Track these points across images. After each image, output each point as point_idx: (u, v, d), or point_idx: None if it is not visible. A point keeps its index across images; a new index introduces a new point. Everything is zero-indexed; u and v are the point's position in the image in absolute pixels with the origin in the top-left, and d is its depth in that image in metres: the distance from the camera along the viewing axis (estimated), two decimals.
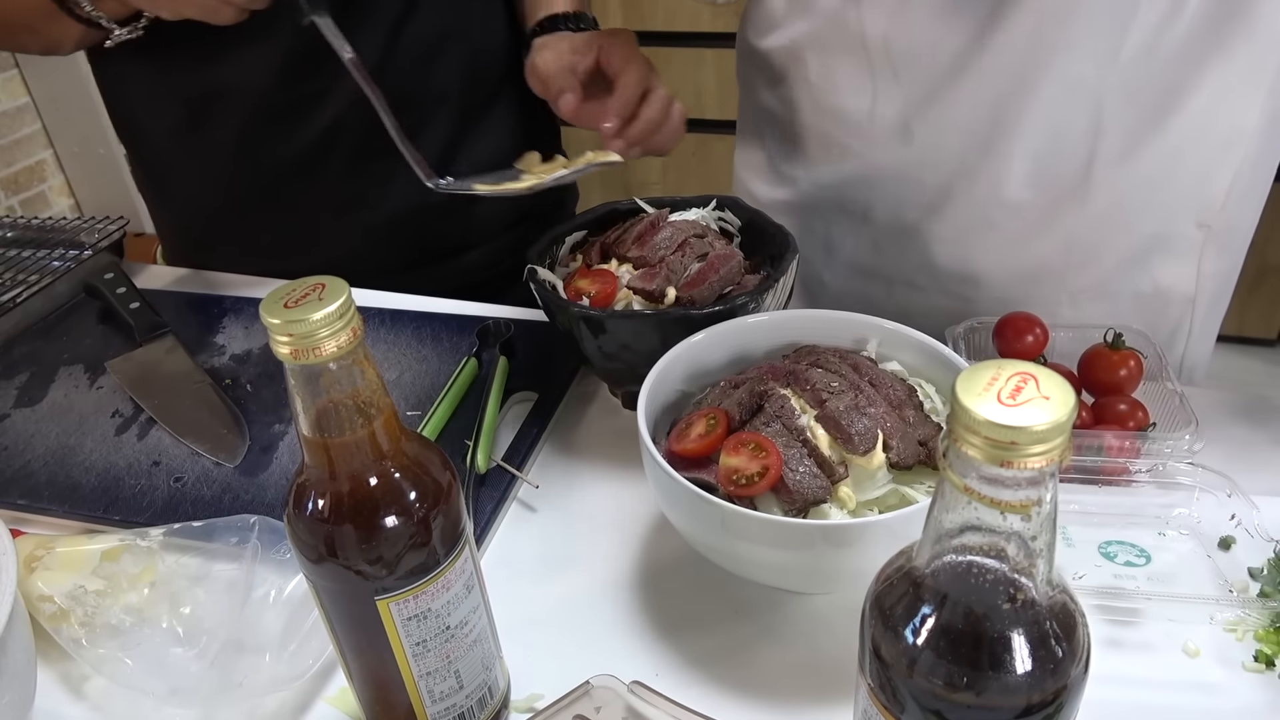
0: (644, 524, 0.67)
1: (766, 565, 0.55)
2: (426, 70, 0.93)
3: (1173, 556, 0.59)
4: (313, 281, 0.40)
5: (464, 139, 0.98)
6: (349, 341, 0.40)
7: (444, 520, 0.45)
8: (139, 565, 0.62)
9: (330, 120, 0.92)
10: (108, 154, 2.69)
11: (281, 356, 0.40)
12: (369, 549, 0.43)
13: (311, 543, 0.44)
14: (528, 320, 0.84)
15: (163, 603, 0.60)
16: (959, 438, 0.31)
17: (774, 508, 0.55)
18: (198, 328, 0.89)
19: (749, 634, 0.59)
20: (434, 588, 0.45)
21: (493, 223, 1.03)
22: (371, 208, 0.97)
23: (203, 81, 0.90)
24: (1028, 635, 0.34)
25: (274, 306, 0.39)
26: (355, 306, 0.40)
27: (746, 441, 0.56)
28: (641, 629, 0.60)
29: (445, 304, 0.91)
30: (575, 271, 0.75)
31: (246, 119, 0.92)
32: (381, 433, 0.43)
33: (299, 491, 0.44)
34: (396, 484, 0.44)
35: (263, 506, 0.68)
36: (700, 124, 2.62)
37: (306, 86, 0.90)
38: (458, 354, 0.82)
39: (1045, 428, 0.30)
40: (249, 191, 0.97)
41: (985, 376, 0.31)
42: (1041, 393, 0.31)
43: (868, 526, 0.51)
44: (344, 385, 0.41)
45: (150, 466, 0.73)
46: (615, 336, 0.68)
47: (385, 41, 0.90)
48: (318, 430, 0.42)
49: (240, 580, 0.60)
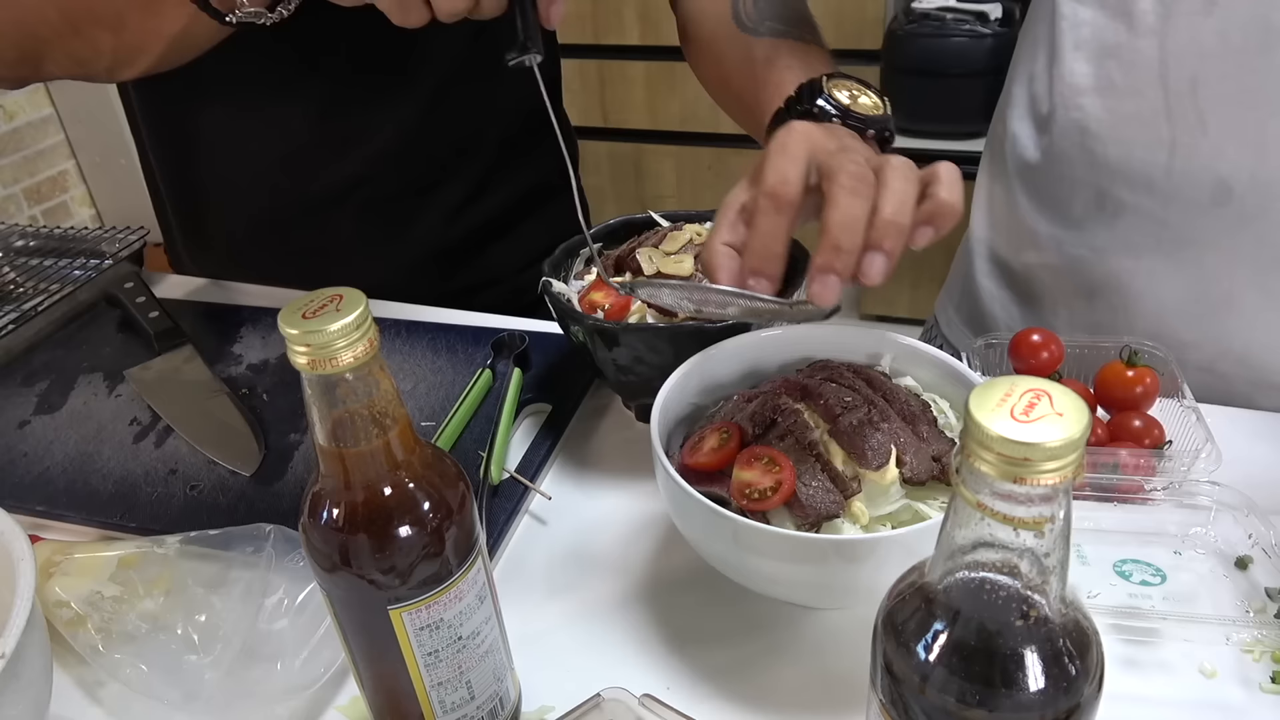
0: (656, 537, 0.67)
1: (779, 580, 0.55)
2: (460, 130, 0.95)
3: (1189, 576, 0.58)
4: (330, 293, 0.41)
5: (489, 182, 1.00)
6: (366, 352, 0.40)
7: (457, 531, 0.46)
8: (155, 572, 0.62)
9: (355, 169, 0.94)
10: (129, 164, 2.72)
11: (299, 366, 0.40)
12: (382, 558, 0.44)
13: (325, 551, 0.44)
14: (542, 333, 0.85)
15: (178, 610, 0.60)
16: (972, 453, 0.31)
17: (786, 522, 0.55)
18: (215, 337, 0.90)
19: (761, 648, 0.59)
20: (447, 598, 0.45)
21: (507, 267, 1.04)
22: (383, 257, 0.99)
23: (236, 124, 0.92)
24: (1041, 652, 0.34)
25: (292, 317, 0.40)
26: (372, 318, 0.41)
27: (760, 456, 0.56)
28: (653, 642, 0.60)
29: (461, 315, 0.91)
30: (590, 285, 0.75)
31: (279, 155, 0.94)
32: (396, 443, 0.43)
33: (314, 501, 0.44)
34: (411, 494, 0.44)
35: (277, 515, 0.68)
36: (717, 138, 2.63)
37: (336, 133, 0.92)
38: (472, 365, 0.82)
39: (1059, 444, 0.30)
40: (268, 227, 0.98)
41: (999, 392, 0.31)
42: (1055, 409, 0.31)
43: (880, 542, 0.51)
44: (360, 396, 0.41)
45: (167, 474, 0.73)
46: (629, 349, 0.69)
47: (429, 104, 0.92)
48: (334, 440, 0.42)
49: (255, 588, 0.60)
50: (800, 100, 0.66)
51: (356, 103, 0.91)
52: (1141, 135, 0.73)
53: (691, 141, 2.69)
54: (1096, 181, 0.77)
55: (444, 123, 0.94)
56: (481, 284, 1.02)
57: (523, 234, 1.03)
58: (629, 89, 2.66)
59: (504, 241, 1.03)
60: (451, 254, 1.00)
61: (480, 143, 0.98)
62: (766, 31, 0.79)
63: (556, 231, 0.79)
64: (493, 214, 1.01)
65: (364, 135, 0.93)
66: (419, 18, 0.61)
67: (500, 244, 1.02)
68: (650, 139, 2.73)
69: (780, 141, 0.58)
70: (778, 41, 0.77)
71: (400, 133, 0.93)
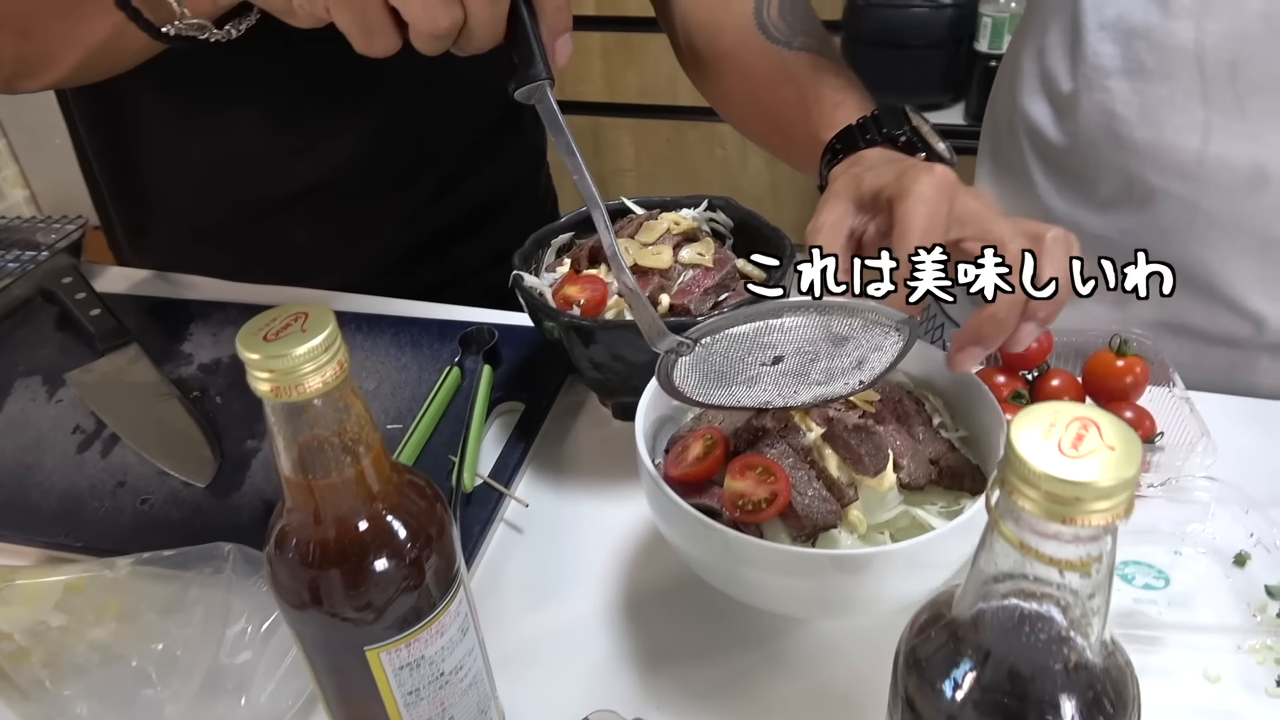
0: (639, 543, 0.64)
1: (776, 594, 0.53)
2: (423, 136, 0.91)
3: (1190, 576, 0.57)
4: (294, 310, 0.37)
5: (453, 185, 0.95)
6: (335, 376, 0.36)
7: (438, 560, 0.42)
8: (105, 598, 0.58)
9: (309, 177, 0.88)
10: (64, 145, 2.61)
11: (261, 394, 0.36)
12: (358, 595, 0.40)
13: (294, 588, 0.41)
14: (511, 325, 0.81)
15: (132, 639, 0.56)
16: (1014, 490, 0.29)
17: (781, 533, 0.53)
18: (163, 335, 0.85)
19: (754, 662, 0.56)
20: (428, 634, 0.42)
21: (475, 263, 0.99)
22: (342, 260, 0.94)
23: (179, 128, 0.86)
24: (1080, 700, 0.31)
25: (252, 339, 0.36)
26: (341, 337, 0.37)
27: (753, 465, 0.53)
28: (641, 658, 0.57)
29: (425, 308, 0.87)
30: (563, 278, 0.71)
31: (227, 161, 0.88)
32: (370, 471, 0.40)
33: (281, 534, 0.41)
34: (386, 524, 0.41)
35: (236, 530, 0.64)
36: (675, 110, 2.59)
37: (288, 143, 0.86)
38: (439, 362, 0.78)
39: (1113, 484, 0.27)
40: (216, 229, 0.93)
41: (1043, 422, 0.29)
42: (1106, 442, 0.28)
43: (883, 556, 0.49)
44: (329, 422, 0.38)
45: (115, 487, 0.69)
46: (607, 347, 0.65)
47: (390, 113, 0.87)
48: (301, 470, 0.38)
49: (215, 613, 0.56)
50: (882, 124, 0.62)
51: (311, 112, 0.85)
52: (1173, 119, 0.70)
53: (650, 114, 2.64)
54: (1125, 165, 0.74)
55: (406, 130, 0.89)
56: (448, 280, 0.97)
57: (489, 234, 0.99)
58: (585, 60, 2.59)
59: (470, 242, 0.98)
60: (415, 253, 0.96)
61: (444, 147, 0.93)
62: (800, 46, 0.74)
63: (526, 229, 0.75)
64: (458, 215, 0.97)
65: (319, 145, 0.87)
66: (385, 46, 0.51)
67: (466, 245, 0.98)
68: (607, 112, 2.67)
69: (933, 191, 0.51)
70: (816, 58, 0.72)
71: (358, 142, 0.88)
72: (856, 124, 0.63)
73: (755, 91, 0.77)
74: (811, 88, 0.70)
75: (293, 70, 0.81)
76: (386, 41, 0.51)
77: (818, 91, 0.70)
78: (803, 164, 0.69)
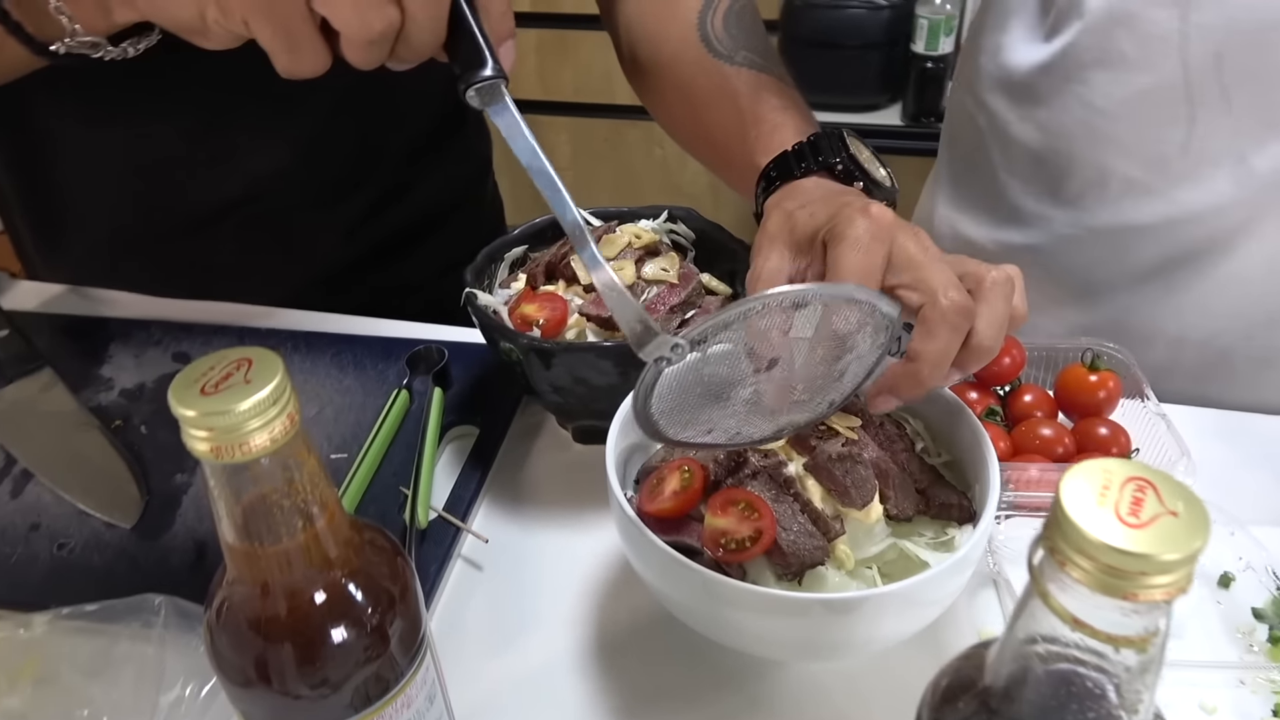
0: (608, 576, 0.61)
1: (762, 637, 0.50)
2: (361, 143, 0.85)
3: (1180, 604, 0.55)
4: (235, 356, 0.32)
5: (395, 196, 0.90)
6: (284, 432, 0.32)
7: (402, 624, 0.38)
8: (20, 659, 0.53)
9: (236, 187, 0.83)
10: None
11: (199, 455, 0.32)
12: (313, 671, 0.36)
13: (238, 664, 0.36)
14: (460, 343, 0.76)
15: (51, 704, 0.51)
16: (1066, 560, 0.26)
17: (765, 571, 0.50)
18: (79, 358, 0.78)
19: (734, 706, 0.53)
20: (392, 709, 0.38)
21: (422, 275, 0.94)
22: (274, 274, 0.88)
23: (94, 133, 0.79)
24: None
25: (186, 393, 0.31)
26: (291, 386, 0.32)
27: (735, 500, 0.50)
28: (613, 705, 0.54)
29: (368, 324, 0.82)
30: (519, 295, 0.67)
31: (145, 168, 0.82)
32: (325, 533, 0.35)
33: (223, 605, 0.36)
34: (344, 590, 0.37)
35: (167, 577, 0.59)
36: (612, 109, 2.55)
37: (212, 150, 0.80)
38: (385, 384, 0.74)
39: (1181, 556, 0.24)
40: (137, 241, 0.86)
41: (1095, 483, 0.26)
42: (1167, 506, 0.25)
43: (876, 598, 0.46)
44: (278, 482, 0.33)
45: (28, 531, 0.63)
46: (569, 369, 0.62)
47: (324, 119, 0.82)
48: (246, 538, 0.34)
49: (147, 674, 0.51)
50: (818, 151, 0.59)
51: (237, 118, 0.79)
52: (1155, 112, 0.69)
53: (586, 113, 2.60)
54: (1100, 159, 0.73)
55: (342, 138, 0.83)
56: (392, 292, 0.91)
57: (434, 246, 0.94)
58: (520, 58, 2.52)
59: (414, 254, 0.93)
60: (355, 267, 0.90)
61: (384, 155, 0.88)
62: (742, 61, 0.70)
63: (474, 240, 0.70)
64: (400, 226, 0.91)
65: (246, 152, 0.81)
66: (313, 64, 0.47)
67: (409, 258, 0.92)
68: (543, 110, 2.62)
69: (863, 234, 0.48)
70: (758, 75, 0.69)
71: (290, 150, 0.82)
72: (792, 150, 0.60)
73: (695, 109, 0.74)
74: (750, 108, 0.67)
75: (215, 72, 0.75)
76: (315, 58, 0.46)
77: (756, 113, 0.67)
78: (740, 187, 0.66)
